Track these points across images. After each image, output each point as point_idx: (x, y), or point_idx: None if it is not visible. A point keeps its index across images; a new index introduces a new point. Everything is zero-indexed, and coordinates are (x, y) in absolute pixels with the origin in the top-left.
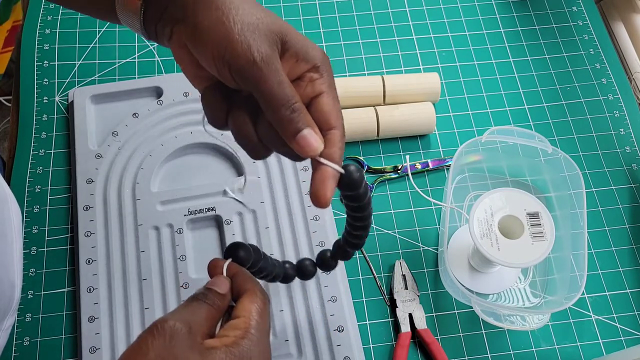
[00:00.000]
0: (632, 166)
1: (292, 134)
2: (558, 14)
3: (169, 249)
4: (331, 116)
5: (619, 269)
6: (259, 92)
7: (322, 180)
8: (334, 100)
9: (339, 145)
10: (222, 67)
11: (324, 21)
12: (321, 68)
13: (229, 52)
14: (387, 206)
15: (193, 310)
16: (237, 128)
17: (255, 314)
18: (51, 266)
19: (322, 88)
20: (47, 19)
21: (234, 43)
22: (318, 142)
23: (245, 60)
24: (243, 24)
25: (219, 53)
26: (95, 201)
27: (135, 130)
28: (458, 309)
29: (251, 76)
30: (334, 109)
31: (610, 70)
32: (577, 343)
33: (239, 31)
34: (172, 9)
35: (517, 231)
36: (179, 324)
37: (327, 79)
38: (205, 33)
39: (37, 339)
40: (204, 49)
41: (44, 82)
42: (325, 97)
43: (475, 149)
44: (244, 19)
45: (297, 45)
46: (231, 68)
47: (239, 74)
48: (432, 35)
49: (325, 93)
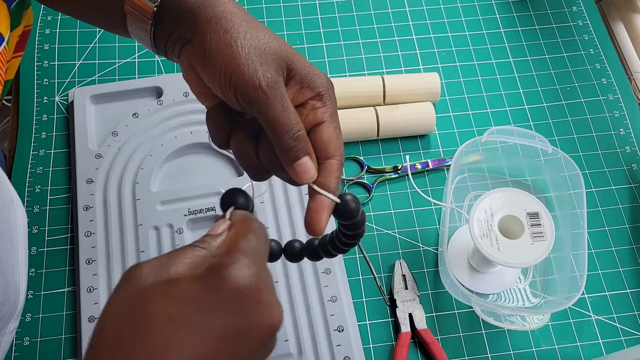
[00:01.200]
0: (632, 166)
1: (291, 161)
2: (558, 14)
3: (169, 249)
4: (330, 145)
5: (619, 269)
6: (263, 117)
7: (316, 209)
8: (335, 129)
9: (336, 174)
10: (227, 90)
11: (324, 21)
12: (325, 96)
13: (235, 76)
14: (387, 206)
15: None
16: (238, 149)
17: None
18: (51, 266)
19: (324, 117)
20: (47, 19)
21: (241, 67)
22: (314, 170)
23: (251, 84)
24: (250, 48)
25: (226, 76)
26: (95, 201)
27: (135, 130)
28: (458, 309)
29: (256, 101)
30: (334, 138)
31: (610, 70)
32: (577, 343)
33: (246, 55)
34: (181, 29)
35: (517, 231)
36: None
37: (329, 107)
38: (212, 55)
39: (37, 339)
40: (210, 70)
41: (44, 82)
42: (327, 126)
43: (475, 149)
44: (251, 42)
45: (303, 72)
46: (237, 91)
47: (244, 97)
48: (432, 35)
49: (326, 122)
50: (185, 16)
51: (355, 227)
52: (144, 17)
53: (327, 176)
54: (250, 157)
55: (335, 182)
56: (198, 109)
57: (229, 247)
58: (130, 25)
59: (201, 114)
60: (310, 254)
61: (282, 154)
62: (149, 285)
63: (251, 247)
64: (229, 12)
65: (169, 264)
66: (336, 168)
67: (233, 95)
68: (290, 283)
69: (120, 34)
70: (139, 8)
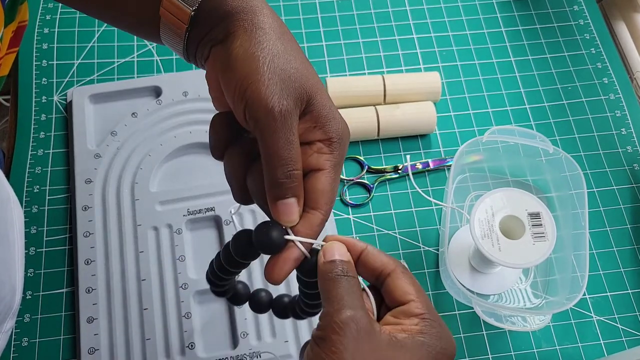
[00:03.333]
0: (633, 166)
1: (275, 198)
2: (559, 13)
3: (168, 249)
4: (322, 197)
5: (620, 270)
6: (264, 142)
7: (283, 258)
8: (333, 181)
9: (316, 229)
10: (238, 102)
11: (324, 20)
12: (335, 144)
13: (251, 91)
14: (388, 206)
15: (345, 291)
16: (229, 166)
17: (421, 295)
18: (50, 267)
19: (326, 165)
20: (45, 18)
21: (259, 84)
22: (297, 215)
23: (263, 106)
24: (276, 69)
25: (242, 87)
26: (94, 201)
27: (134, 130)
28: (459, 310)
29: (263, 124)
30: (328, 190)
31: (611, 70)
32: (579, 344)
33: (269, 75)
34: (215, 31)
35: (518, 231)
36: (353, 312)
37: (336, 156)
38: (236, 62)
39: (36, 340)
40: (229, 76)
41: (43, 81)
42: (325, 175)
43: (476, 149)
44: (279, 64)
45: (321, 112)
46: (247, 107)
47: (251, 116)
48: (433, 34)
49: (327, 171)
50: (222, 19)
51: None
52: (180, 22)
53: (306, 227)
54: (238, 176)
55: (313, 236)
56: (197, 109)
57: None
58: (163, 31)
59: (201, 114)
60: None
61: (269, 186)
62: None
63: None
64: (267, 24)
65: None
66: (319, 222)
67: (242, 110)
68: (289, 283)
69: (152, 39)
70: (175, 12)
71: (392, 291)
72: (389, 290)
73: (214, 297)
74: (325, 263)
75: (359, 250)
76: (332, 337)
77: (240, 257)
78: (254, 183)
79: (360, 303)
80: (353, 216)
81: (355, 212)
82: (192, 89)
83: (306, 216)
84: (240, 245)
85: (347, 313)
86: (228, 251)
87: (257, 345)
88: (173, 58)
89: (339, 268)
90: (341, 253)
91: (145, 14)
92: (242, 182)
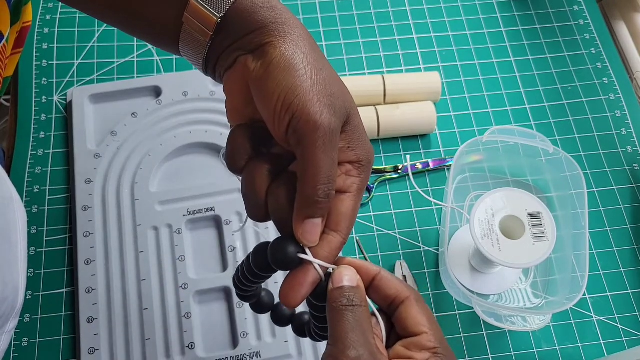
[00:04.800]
0: (633, 166)
1: (305, 216)
2: (559, 13)
3: (168, 249)
4: (344, 220)
5: (620, 270)
6: (308, 159)
7: (301, 281)
8: (355, 206)
9: (335, 252)
10: (282, 115)
11: (324, 20)
12: (363, 168)
13: (299, 104)
14: (388, 206)
15: (350, 327)
16: (249, 181)
17: (434, 327)
18: (50, 267)
19: (353, 188)
20: (45, 18)
21: (307, 97)
22: (318, 235)
23: (313, 121)
24: (322, 83)
25: (287, 100)
26: (94, 201)
27: (134, 130)
28: (459, 310)
29: (310, 140)
30: (350, 215)
31: (611, 70)
32: (579, 344)
33: (317, 88)
34: (246, 39)
35: (518, 231)
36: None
37: (362, 180)
38: (277, 71)
39: (36, 340)
40: (270, 86)
41: (43, 81)
42: (350, 199)
43: (476, 149)
44: (322, 78)
45: (356, 133)
46: (293, 121)
47: (298, 131)
48: (433, 34)
49: (352, 194)
50: (254, 29)
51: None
52: (204, 28)
53: (325, 249)
54: (259, 192)
55: (331, 259)
56: (197, 109)
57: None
58: (184, 37)
59: (201, 114)
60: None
61: (304, 204)
62: None
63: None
64: (302, 37)
65: None
66: (338, 245)
67: (286, 123)
68: None
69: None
70: (200, 17)
71: (404, 320)
72: (401, 319)
73: (214, 297)
74: (334, 290)
75: (372, 274)
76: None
77: (259, 270)
78: (277, 199)
79: (366, 339)
80: None
81: None
82: (192, 89)
83: (326, 238)
84: (259, 258)
85: (352, 354)
86: (249, 262)
87: (257, 345)
88: (173, 58)
89: (346, 297)
90: (350, 278)
91: (164, 19)
92: (261, 197)
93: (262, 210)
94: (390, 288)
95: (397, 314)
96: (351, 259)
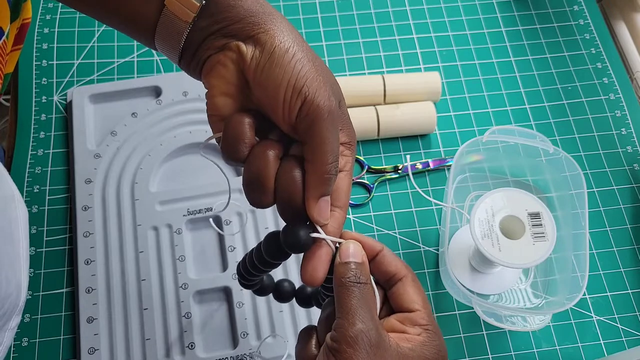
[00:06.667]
0: (633, 166)
1: (318, 195)
2: (559, 13)
3: (168, 249)
4: (344, 196)
5: (620, 270)
6: (319, 141)
7: (320, 260)
8: (350, 182)
9: (341, 226)
10: (294, 101)
11: (324, 20)
12: (352, 147)
13: (310, 90)
14: (388, 206)
15: (358, 302)
16: (257, 167)
17: (427, 306)
18: (50, 267)
19: (347, 167)
20: (45, 18)
21: (315, 82)
22: (329, 213)
23: (325, 104)
24: (321, 70)
25: (297, 85)
26: (94, 201)
27: (134, 129)
28: (459, 310)
29: (320, 122)
30: (348, 190)
31: (611, 70)
32: (579, 344)
33: (321, 74)
34: (239, 25)
35: (518, 231)
36: (365, 326)
37: (353, 159)
38: (281, 59)
39: (36, 340)
40: (277, 73)
41: (43, 81)
42: (346, 176)
43: (476, 149)
44: (318, 65)
45: (346, 115)
46: (305, 104)
47: (310, 114)
48: (433, 34)
49: (347, 172)
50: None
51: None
52: (187, 10)
53: (335, 225)
54: (268, 177)
55: (339, 233)
56: (197, 109)
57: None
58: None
59: (201, 114)
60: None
61: (318, 184)
62: None
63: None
64: (290, 27)
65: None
66: (342, 220)
67: (296, 109)
68: None
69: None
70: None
71: (399, 296)
72: (397, 295)
73: (214, 297)
74: (341, 264)
75: (375, 251)
76: (346, 350)
77: (271, 258)
78: (286, 183)
79: (372, 314)
80: (353, 216)
81: (356, 212)
82: (192, 89)
83: (332, 214)
84: (271, 246)
85: (359, 327)
86: (260, 251)
87: (257, 345)
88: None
89: (353, 274)
90: (356, 254)
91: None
92: (272, 183)
93: (270, 195)
94: (390, 265)
95: (394, 290)
96: (356, 234)
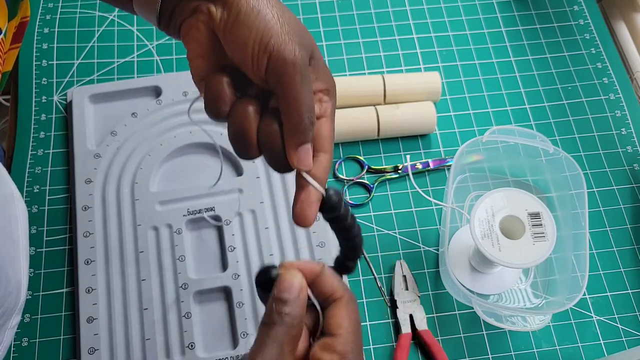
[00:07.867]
0: (633, 166)
1: (296, 144)
2: (559, 13)
3: (168, 249)
4: (327, 140)
5: (620, 270)
6: (289, 93)
7: (308, 202)
8: (332, 126)
9: (327, 170)
10: (260, 57)
11: (324, 20)
12: (331, 93)
13: (274, 45)
14: (388, 206)
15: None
16: (239, 121)
17: (351, 332)
18: (50, 267)
19: (327, 112)
20: (45, 18)
21: (281, 37)
22: (312, 159)
23: (290, 58)
24: (289, 26)
25: (262, 41)
26: (94, 201)
27: (134, 129)
28: (459, 310)
29: (288, 76)
30: (331, 134)
31: (611, 70)
32: (579, 344)
33: (286, 29)
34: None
35: (518, 231)
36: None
37: (333, 104)
38: (247, 17)
39: (36, 340)
40: (243, 31)
41: (43, 81)
42: (327, 122)
43: (476, 149)
44: (287, 18)
45: (320, 64)
46: (271, 60)
47: (275, 69)
48: (433, 34)
49: (327, 118)
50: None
51: (340, 219)
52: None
53: (320, 170)
54: (250, 130)
55: (324, 177)
56: (197, 109)
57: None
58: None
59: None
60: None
61: (293, 133)
62: None
63: None
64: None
65: None
66: (328, 163)
67: (263, 64)
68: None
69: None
70: None
71: (329, 319)
72: (328, 317)
73: (214, 297)
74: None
75: (315, 272)
76: None
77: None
78: (268, 135)
79: (280, 352)
80: None
81: (356, 212)
82: (192, 89)
83: (316, 159)
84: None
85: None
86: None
87: None
88: (173, 58)
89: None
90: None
91: None
92: (252, 135)
93: (254, 149)
94: (326, 285)
95: (327, 311)
96: (295, 262)
